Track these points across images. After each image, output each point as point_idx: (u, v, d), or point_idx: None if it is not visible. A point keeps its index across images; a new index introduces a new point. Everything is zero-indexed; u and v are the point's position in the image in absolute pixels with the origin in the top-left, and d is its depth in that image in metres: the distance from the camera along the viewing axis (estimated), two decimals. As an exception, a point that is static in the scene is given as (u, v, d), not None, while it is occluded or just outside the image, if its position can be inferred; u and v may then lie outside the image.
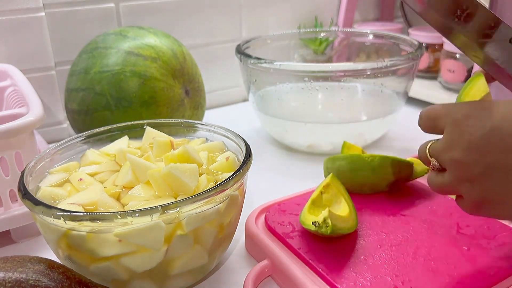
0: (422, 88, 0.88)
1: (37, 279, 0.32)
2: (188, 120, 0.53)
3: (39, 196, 0.42)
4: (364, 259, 0.42)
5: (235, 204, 0.42)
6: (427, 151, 0.39)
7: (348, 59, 0.90)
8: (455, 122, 0.36)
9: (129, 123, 0.53)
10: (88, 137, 0.51)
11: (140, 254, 0.37)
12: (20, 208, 0.49)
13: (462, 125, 0.35)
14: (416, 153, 0.64)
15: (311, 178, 0.62)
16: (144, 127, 0.52)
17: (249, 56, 0.67)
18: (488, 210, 0.36)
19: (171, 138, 0.50)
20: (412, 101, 0.90)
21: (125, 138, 0.52)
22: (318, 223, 0.42)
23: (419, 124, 0.41)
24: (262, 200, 0.53)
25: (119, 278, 0.38)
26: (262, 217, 0.50)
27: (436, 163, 0.38)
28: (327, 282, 0.40)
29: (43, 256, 0.36)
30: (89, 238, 0.36)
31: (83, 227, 0.35)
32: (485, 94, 0.41)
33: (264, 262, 0.44)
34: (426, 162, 0.40)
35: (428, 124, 0.39)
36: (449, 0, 0.37)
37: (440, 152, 0.37)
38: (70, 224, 0.35)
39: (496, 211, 0.36)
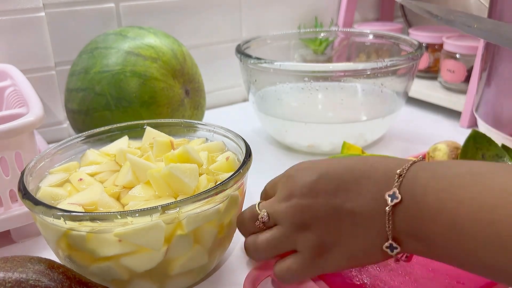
0: (422, 88, 0.88)
1: (37, 279, 0.32)
2: (188, 120, 0.53)
3: (39, 196, 0.42)
4: (364, 259, 0.42)
5: (235, 204, 0.42)
6: (256, 207, 0.41)
7: (348, 59, 0.90)
8: (289, 177, 0.39)
9: (129, 123, 0.53)
10: (88, 137, 0.51)
11: (140, 254, 0.37)
12: (20, 208, 0.49)
13: (295, 177, 0.38)
14: (416, 153, 0.64)
15: (311, 178, 0.62)
16: (144, 127, 0.52)
17: (249, 56, 0.67)
18: (325, 259, 0.37)
19: (171, 138, 0.50)
20: (412, 101, 0.90)
21: (125, 138, 0.52)
22: None
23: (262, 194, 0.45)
24: (262, 200, 0.53)
25: (119, 278, 0.38)
26: (262, 217, 0.50)
27: (265, 215, 0.39)
28: (327, 282, 0.40)
29: (43, 256, 0.36)
30: (89, 238, 0.36)
31: (83, 227, 0.36)
32: None
33: (264, 262, 0.44)
34: (253, 217, 0.41)
35: (268, 190, 0.43)
36: None
37: (274, 204, 0.39)
38: (70, 224, 0.35)
39: (333, 259, 0.36)
